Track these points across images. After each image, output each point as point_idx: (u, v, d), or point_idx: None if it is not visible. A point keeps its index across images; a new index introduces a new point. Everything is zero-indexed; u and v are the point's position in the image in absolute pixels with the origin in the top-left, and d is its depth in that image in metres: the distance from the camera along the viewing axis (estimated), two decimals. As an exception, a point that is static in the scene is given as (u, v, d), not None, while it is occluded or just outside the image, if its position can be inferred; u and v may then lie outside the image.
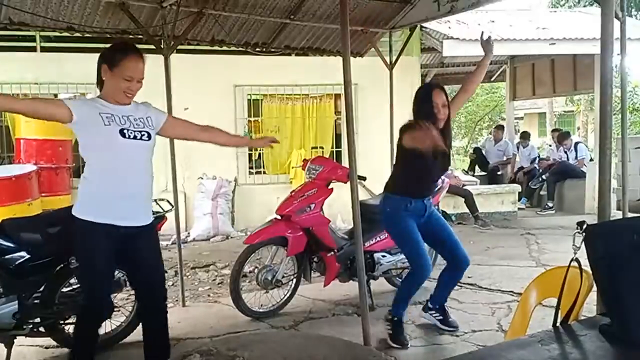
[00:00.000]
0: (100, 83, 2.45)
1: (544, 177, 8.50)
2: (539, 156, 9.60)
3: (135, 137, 2.40)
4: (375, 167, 5.93)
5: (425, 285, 4.26)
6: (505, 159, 9.38)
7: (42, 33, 6.31)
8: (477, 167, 9.70)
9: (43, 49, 6.86)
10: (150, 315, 2.62)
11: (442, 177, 4.93)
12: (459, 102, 3.41)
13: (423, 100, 3.06)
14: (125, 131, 2.37)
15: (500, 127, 10.18)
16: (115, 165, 2.39)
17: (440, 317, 3.42)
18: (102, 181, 2.40)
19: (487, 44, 3.26)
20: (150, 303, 2.60)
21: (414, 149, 2.88)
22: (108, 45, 2.58)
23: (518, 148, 9.55)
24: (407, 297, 3.28)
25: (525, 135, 9.89)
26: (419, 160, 2.98)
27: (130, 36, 4.38)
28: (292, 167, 7.25)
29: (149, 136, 2.47)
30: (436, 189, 4.36)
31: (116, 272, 2.92)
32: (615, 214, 4.51)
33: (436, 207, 4.50)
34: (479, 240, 6.21)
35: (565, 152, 8.56)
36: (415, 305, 3.88)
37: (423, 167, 3.07)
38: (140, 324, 3.19)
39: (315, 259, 3.90)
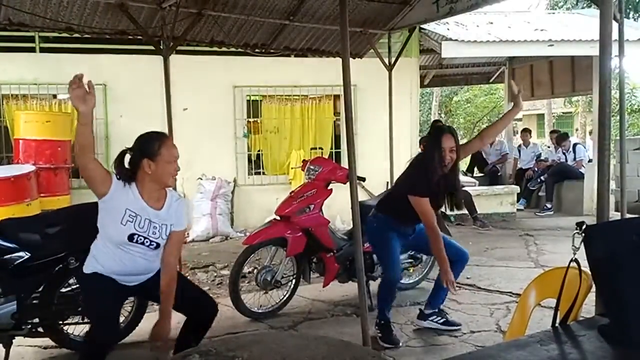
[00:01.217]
0: (128, 174, 2.41)
1: (542, 178, 8.51)
2: (540, 155, 9.60)
3: (142, 244, 2.42)
4: (375, 168, 5.94)
5: (423, 286, 4.28)
6: (500, 157, 9.42)
7: (41, 33, 6.30)
8: (475, 169, 9.71)
9: (42, 50, 6.85)
10: (198, 325, 2.62)
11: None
12: (471, 148, 3.51)
13: (433, 144, 3.12)
14: (134, 236, 2.38)
15: None
16: (120, 256, 2.43)
17: (443, 319, 3.43)
18: (109, 259, 2.43)
19: (516, 97, 3.25)
20: (204, 320, 2.61)
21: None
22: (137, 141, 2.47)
23: (520, 151, 9.52)
24: (384, 301, 3.33)
25: (525, 131, 9.90)
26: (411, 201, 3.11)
27: (130, 37, 4.38)
28: (292, 168, 7.25)
29: (157, 246, 2.46)
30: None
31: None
32: (614, 215, 4.52)
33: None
34: (478, 241, 6.21)
35: (564, 154, 8.58)
36: (414, 306, 3.88)
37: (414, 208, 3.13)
38: (138, 324, 3.23)
39: (314, 260, 3.91)
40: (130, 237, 2.37)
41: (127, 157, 2.45)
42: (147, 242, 2.41)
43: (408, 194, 3.11)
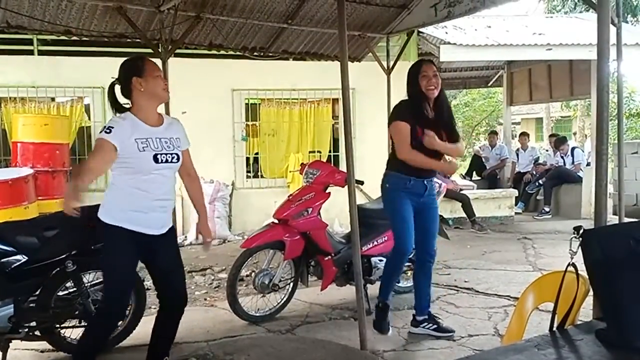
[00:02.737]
0: (129, 98, 2.51)
1: (540, 181, 8.53)
2: (538, 159, 9.62)
3: (167, 161, 2.49)
4: (373, 171, 5.92)
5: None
6: (499, 161, 9.45)
7: (40, 36, 6.31)
8: (474, 173, 9.74)
9: (40, 53, 6.85)
10: (167, 317, 2.67)
11: (440, 181, 4.95)
12: None
13: (414, 73, 3.16)
14: (158, 156, 2.46)
15: (494, 133, 10.33)
16: (146, 186, 2.47)
17: (434, 326, 3.41)
18: (131, 196, 2.46)
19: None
20: (171, 307, 2.65)
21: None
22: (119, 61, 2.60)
23: (518, 154, 9.55)
24: (390, 276, 3.31)
25: (523, 135, 9.94)
26: (413, 141, 3.10)
27: (128, 40, 4.38)
28: (290, 171, 7.24)
29: (178, 158, 2.57)
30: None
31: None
32: (612, 219, 4.52)
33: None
34: (476, 244, 6.22)
35: (562, 157, 8.59)
36: (412, 310, 3.87)
37: (416, 147, 3.12)
38: (136, 327, 3.22)
39: (312, 263, 3.90)
40: (155, 159, 2.44)
41: (118, 89, 2.51)
42: (169, 157, 2.50)
43: (389, 124, 3.14)
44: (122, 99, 2.55)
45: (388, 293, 3.32)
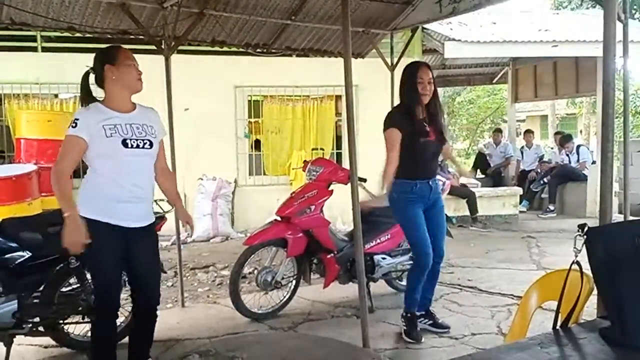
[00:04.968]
0: (103, 87, 2.49)
1: (545, 180, 8.48)
2: (543, 157, 9.57)
3: (137, 146, 2.44)
4: (376, 169, 5.91)
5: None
6: (504, 159, 9.42)
7: (43, 33, 6.31)
8: (478, 170, 9.70)
9: (44, 49, 6.86)
10: (142, 314, 2.64)
11: (444, 179, 4.92)
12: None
13: (409, 77, 3.15)
14: (127, 141, 2.41)
15: (499, 130, 10.29)
16: (118, 173, 2.43)
17: (430, 322, 3.42)
18: (106, 186, 2.43)
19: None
20: (144, 302, 2.62)
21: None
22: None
23: (522, 152, 9.50)
24: (414, 288, 3.31)
25: (528, 132, 9.89)
26: (405, 143, 3.13)
27: (131, 36, 4.38)
28: (293, 169, 7.24)
29: (151, 144, 2.51)
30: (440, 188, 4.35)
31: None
32: (617, 218, 4.49)
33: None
34: (480, 243, 6.20)
35: (567, 155, 8.54)
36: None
37: (412, 149, 3.14)
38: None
39: (315, 261, 3.90)
40: (124, 143, 2.40)
41: (92, 77, 2.51)
42: (140, 142, 2.45)
43: (384, 131, 3.15)
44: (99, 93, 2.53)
45: (413, 302, 3.34)
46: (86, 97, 2.52)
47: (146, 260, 2.57)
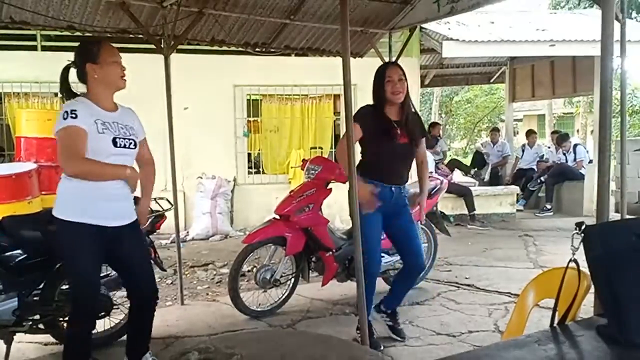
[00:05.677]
0: (85, 83, 2.44)
1: (542, 178, 8.51)
2: (543, 156, 9.60)
3: (124, 146, 2.43)
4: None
5: (422, 286, 4.28)
6: (501, 158, 9.44)
7: (43, 32, 6.31)
8: (475, 169, 9.72)
9: (44, 48, 6.86)
10: (139, 311, 2.63)
11: (441, 178, 4.94)
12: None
13: (378, 77, 3.12)
14: (117, 140, 2.40)
15: (496, 130, 10.28)
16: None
17: (390, 323, 3.34)
18: (88, 185, 2.35)
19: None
20: (140, 300, 2.62)
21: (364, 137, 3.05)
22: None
23: (523, 150, 9.50)
24: (368, 294, 3.12)
25: (531, 132, 9.89)
26: (367, 143, 3.09)
27: (131, 35, 4.38)
28: (291, 167, 7.25)
29: (135, 144, 2.49)
30: (435, 189, 4.37)
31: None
32: (614, 217, 4.52)
33: (434, 207, 4.51)
34: (477, 241, 6.22)
35: (564, 154, 8.57)
36: (412, 306, 3.89)
37: (374, 149, 3.08)
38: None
39: (313, 259, 3.91)
40: (114, 142, 2.38)
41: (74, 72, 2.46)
42: (127, 142, 2.44)
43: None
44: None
45: (369, 309, 3.15)
46: (68, 93, 2.46)
47: (134, 255, 2.54)
